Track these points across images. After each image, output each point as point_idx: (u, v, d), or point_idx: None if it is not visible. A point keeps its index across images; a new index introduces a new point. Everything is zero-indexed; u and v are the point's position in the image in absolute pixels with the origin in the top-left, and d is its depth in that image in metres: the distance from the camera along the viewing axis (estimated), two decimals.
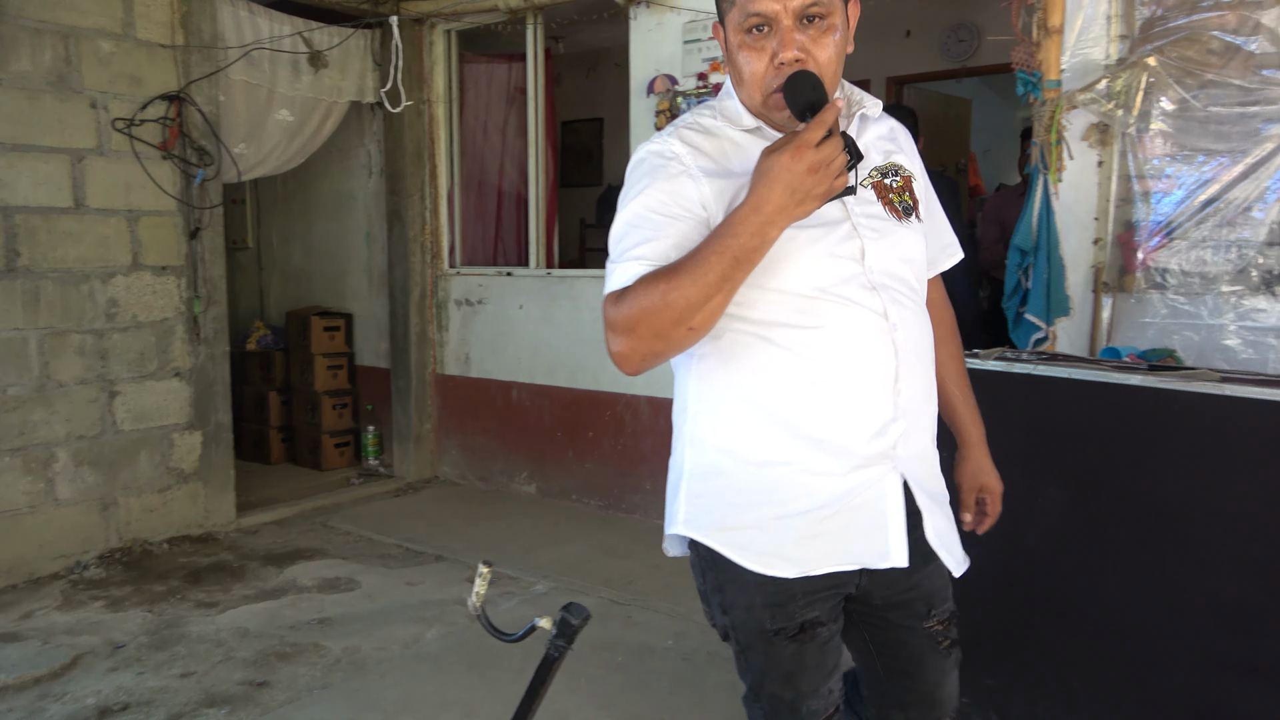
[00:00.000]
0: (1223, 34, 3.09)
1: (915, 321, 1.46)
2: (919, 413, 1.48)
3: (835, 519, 1.42)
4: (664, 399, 4.61)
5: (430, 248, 5.49)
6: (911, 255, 1.47)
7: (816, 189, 1.23)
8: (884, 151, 1.52)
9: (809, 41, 1.35)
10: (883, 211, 1.45)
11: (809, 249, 1.37)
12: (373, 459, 5.81)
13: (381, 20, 5.10)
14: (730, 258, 1.24)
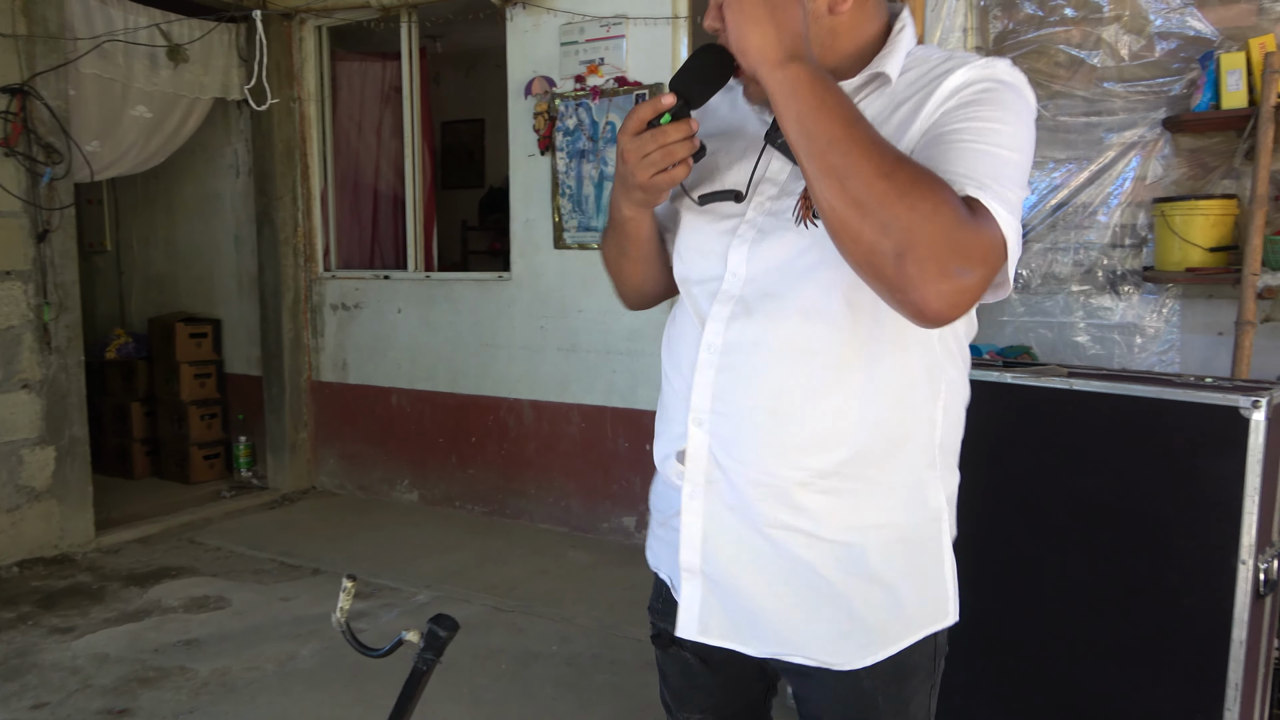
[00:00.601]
0: (1068, 48, 3.28)
1: (775, 351, 1.11)
2: (751, 472, 1.14)
3: (666, 530, 1.28)
4: (548, 402, 4.59)
5: (304, 250, 5.32)
6: (795, 262, 1.09)
7: (630, 179, 1.11)
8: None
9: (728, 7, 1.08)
10: (790, 208, 1.11)
11: (689, 235, 1.22)
12: (245, 471, 5.59)
13: (246, 14, 4.90)
14: (613, 222, 1.25)
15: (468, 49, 6.73)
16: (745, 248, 1.13)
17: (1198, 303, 3.18)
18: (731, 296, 1.14)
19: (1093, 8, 3.25)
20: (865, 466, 1.11)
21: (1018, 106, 1.05)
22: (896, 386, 1.12)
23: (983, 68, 1.06)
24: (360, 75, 5.45)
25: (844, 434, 1.10)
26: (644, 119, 1.07)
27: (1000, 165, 0.99)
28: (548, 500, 4.67)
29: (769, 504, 1.13)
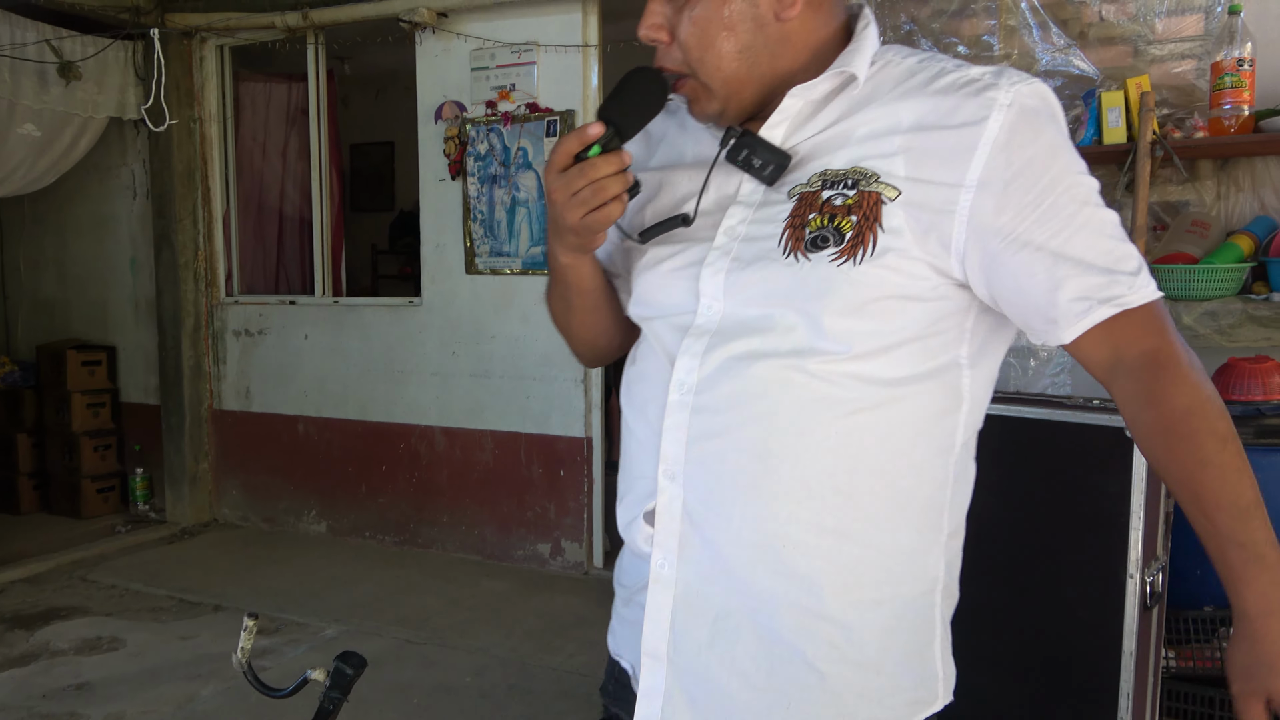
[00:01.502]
0: None
1: (767, 390, 0.97)
2: (736, 529, 0.99)
3: (633, 608, 1.11)
4: (460, 429, 4.54)
5: (205, 275, 5.16)
6: (794, 299, 0.96)
7: (561, 220, 1.00)
8: (861, 150, 0.98)
9: (675, 14, 1.00)
10: (775, 234, 0.98)
11: (652, 268, 1.08)
12: (142, 504, 5.36)
13: (144, 32, 4.76)
14: (552, 272, 1.12)
15: (377, 71, 6.65)
16: (721, 278, 1.00)
17: None
18: (707, 330, 1.00)
19: (984, 46, 3.40)
20: (866, 524, 0.98)
21: (1073, 151, 0.97)
22: (909, 429, 0.98)
23: (1012, 102, 0.93)
24: (265, 96, 5.34)
25: (843, 482, 0.97)
26: (570, 153, 0.97)
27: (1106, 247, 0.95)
28: (460, 528, 4.61)
29: (756, 569, 0.98)
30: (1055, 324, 0.96)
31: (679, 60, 1.01)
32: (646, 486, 1.04)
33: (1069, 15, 3.30)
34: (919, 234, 0.93)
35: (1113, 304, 0.93)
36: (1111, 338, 0.96)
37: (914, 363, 0.97)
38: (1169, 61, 3.19)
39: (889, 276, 0.94)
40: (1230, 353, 2.91)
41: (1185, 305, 2.90)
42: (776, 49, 1.00)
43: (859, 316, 0.94)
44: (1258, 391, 2.68)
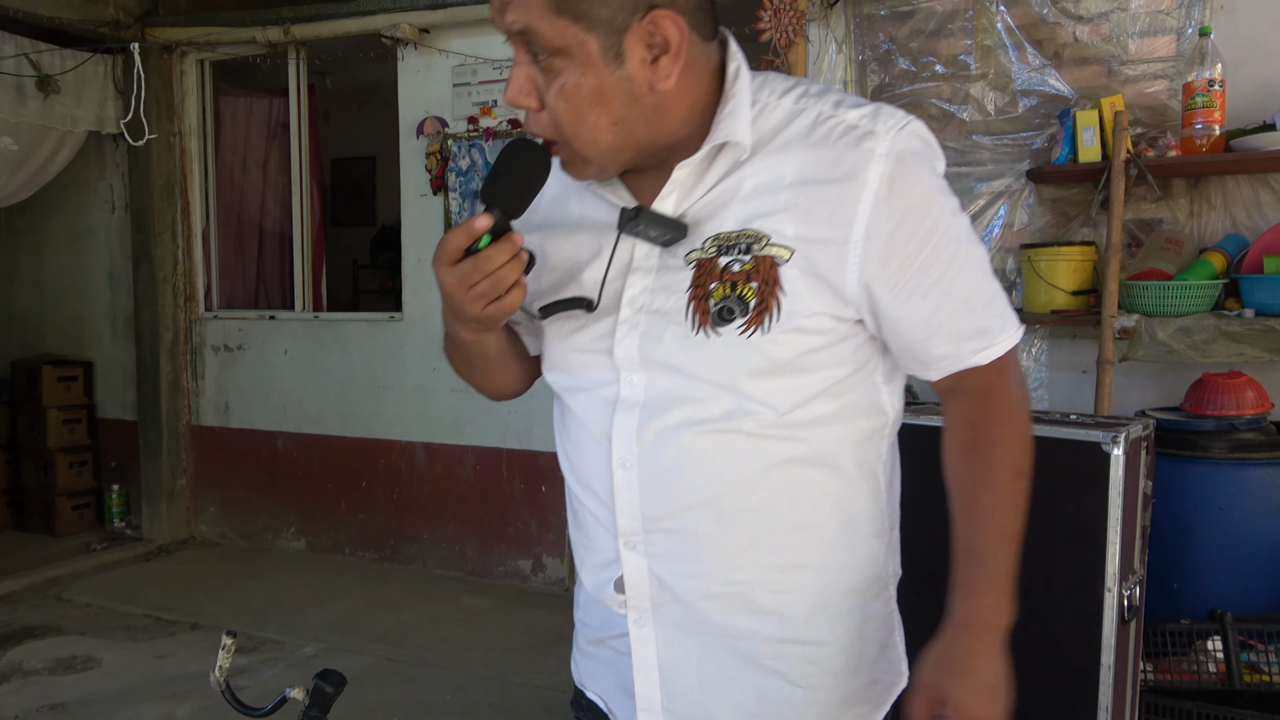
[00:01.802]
0: (940, 102, 3.47)
1: (709, 457, 1.00)
2: (703, 585, 1.03)
3: (602, 648, 1.14)
4: (441, 445, 4.53)
5: (184, 289, 5.12)
6: (713, 375, 0.98)
7: (459, 312, 0.98)
8: (747, 210, 0.98)
9: (545, 84, 0.95)
10: (680, 307, 0.99)
11: (561, 341, 1.08)
12: (118, 521, 5.30)
13: (124, 46, 4.74)
14: (453, 341, 1.09)
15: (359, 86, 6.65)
16: (635, 352, 1.01)
17: (1063, 342, 3.37)
18: (635, 403, 1.01)
19: (961, 65, 3.45)
20: (821, 550, 1.03)
21: (947, 192, 1.01)
22: (845, 456, 1.04)
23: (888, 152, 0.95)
24: (246, 110, 5.32)
25: (794, 519, 1.02)
26: (459, 248, 0.93)
27: (987, 275, 1.02)
28: (441, 545, 4.59)
29: (729, 615, 1.03)
30: (927, 367, 1.04)
31: (550, 129, 0.97)
32: (607, 556, 1.07)
33: (1044, 36, 3.35)
34: (815, 291, 0.96)
35: (981, 354, 1.02)
36: (970, 376, 1.04)
37: (839, 399, 1.01)
38: (1142, 82, 3.24)
39: (797, 338, 0.97)
40: (1204, 368, 2.95)
41: (1160, 321, 2.94)
42: (653, 118, 0.97)
43: (778, 377, 0.97)
44: (1230, 406, 2.71)
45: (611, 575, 1.07)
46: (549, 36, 0.91)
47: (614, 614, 1.09)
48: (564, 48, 0.92)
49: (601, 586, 1.09)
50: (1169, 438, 2.72)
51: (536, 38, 0.92)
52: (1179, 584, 2.70)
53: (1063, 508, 2.13)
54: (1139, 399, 3.20)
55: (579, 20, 0.91)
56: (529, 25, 0.91)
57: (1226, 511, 2.67)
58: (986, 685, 0.97)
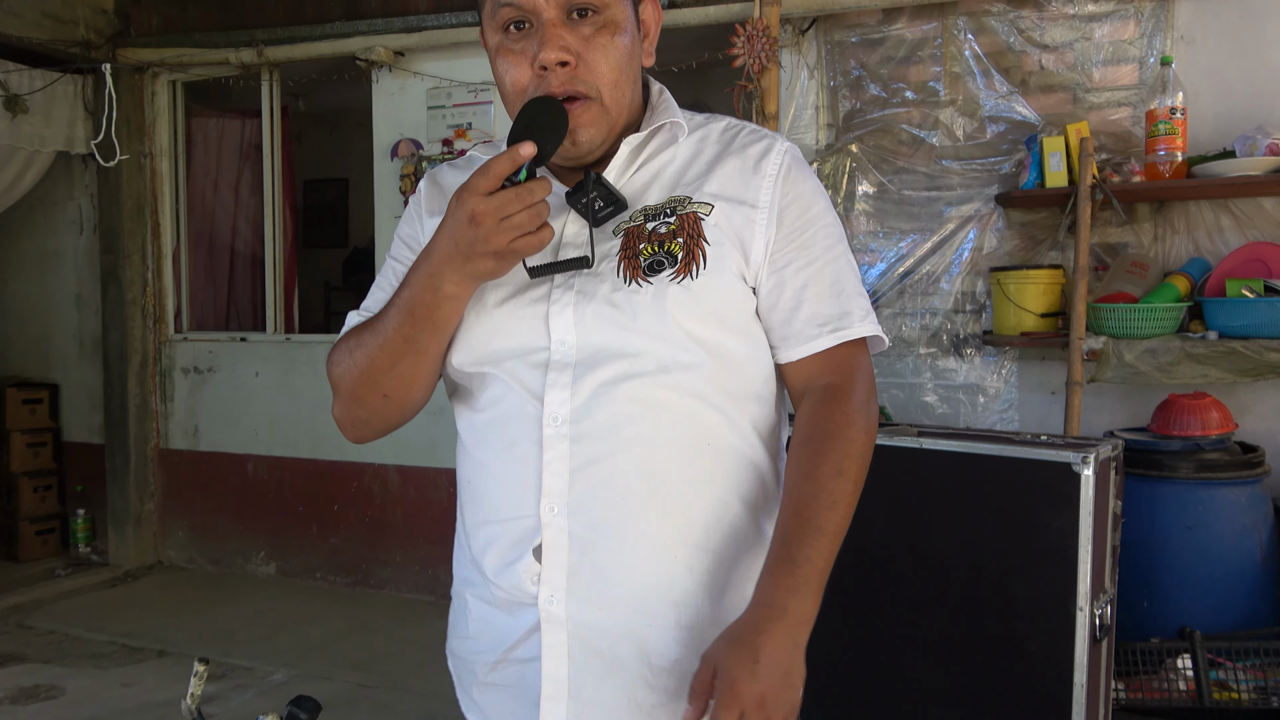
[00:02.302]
0: (910, 127, 3.52)
1: (642, 413, 1.04)
2: (626, 549, 1.04)
3: (505, 668, 1.11)
4: (414, 467, 4.50)
5: (153, 311, 5.07)
6: (647, 323, 1.03)
7: (482, 245, 0.97)
8: (671, 184, 1.11)
9: (580, 42, 1.04)
10: (611, 269, 1.06)
11: (487, 313, 1.09)
12: (84, 546, 5.20)
13: (95, 66, 4.71)
14: (406, 312, 1.04)
15: (332, 108, 6.64)
16: (569, 313, 1.05)
17: (1033, 364, 3.42)
18: (567, 364, 1.04)
19: (930, 91, 3.51)
20: (739, 531, 1.08)
21: (828, 198, 1.16)
22: (756, 438, 1.10)
23: (788, 149, 1.13)
24: (218, 132, 5.29)
25: (716, 496, 1.07)
26: (502, 175, 0.95)
27: (856, 276, 1.12)
28: (414, 568, 4.54)
29: (649, 593, 1.04)
30: (786, 341, 1.10)
31: (586, 83, 1.05)
32: (526, 525, 1.05)
33: (1010, 64, 3.42)
34: (732, 245, 1.07)
35: (837, 334, 1.08)
36: (817, 367, 1.09)
37: (762, 379, 1.11)
38: (1106, 109, 3.31)
39: (721, 284, 1.05)
40: (1170, 389, 3.00)
41: (1127, 343, 2.99)
42: (636, 88, 1.13)
43: (706, 325, 1.05)
44: (1196, 427, 2.76)
45: (527, 547, 1.05)
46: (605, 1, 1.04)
47: (516, 614, 1.07)
48: (611, 4, 1.05)
49: (513, 562, 1.06)
50: (1137, 458, 2.77)
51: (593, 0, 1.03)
52: (1149, 603, 2.74)
53: (1034, 528, 2.15)
54: (1107, 420, 3.24)
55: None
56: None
57: (1194, 530, 2.71)
58: (766, 666, 0.92)
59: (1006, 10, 3.40)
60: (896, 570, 2.31)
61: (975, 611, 2.20)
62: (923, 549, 2.28)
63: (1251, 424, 3.09)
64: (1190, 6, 3.20)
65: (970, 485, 2.24)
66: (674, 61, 4.57)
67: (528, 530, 1.05)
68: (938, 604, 2.25)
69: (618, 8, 1.06)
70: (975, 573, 2.21)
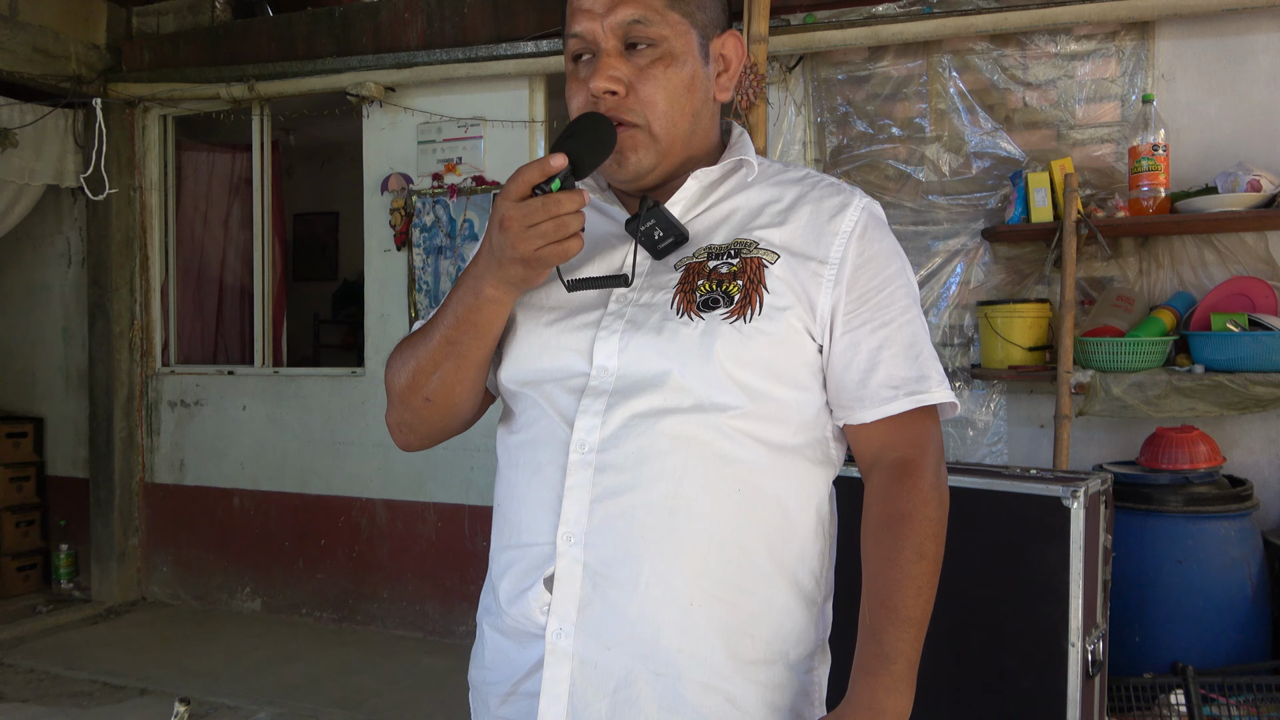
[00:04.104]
0: (896, 163, 3.56)
1: (672, 448, 1.01)
2: (641, 587, 1.00)
3: (515, 701, 1.09)
4: (402, 501, 4.47)
5: (141, 344, 5.04)
6: (690, 356, 1.01)
7: (510, 250, 0.97)
8: (740, 226, 1.09)
9: (635, 72, 1.06)
10: (667, 300, 1.04)
11: (536, 332, 1.09)
12: (66, 582, 5.13)
13: (85, 101, 4.72)
14: (452, 317, 1.06)
15: (322, 142, 6.67)
16: (615, 340, 1.04)
17: (1021, 397, 3.43)
18: (603, 391, 1.03)
19: (916, 128, 3.55)
20: (759, 582, 1.03)
21: (907, 260, 1.13)
22: (795, 495, 1.06)
23: (866, 206, 1.10)
24: (208, 166, 5.30)
25: (744, 539, 1.02)
26: (530, 182, 0.96)
27: (926, 349, 1.08)
28: (401, 604, 4.50)
29: (661, 629, 1.00)
30: (860, 402, 1.06)
31: (634, 112, 1.07)
32: (542, 553, 1.03)
33: (995, 101, 3.46)
34: (795, 296, 1.04)
35: (914, 397, 1.05)
36: (889, 436, 1.06)
37: (798, 430, 1.06)
38: (1090, 145, 3.36)
39: (775, 330, 1.02)
40: (1158, 422, 3.02)
41: (1114, 376, 3.00)
42: (707, 124, 1.13)
43: (751, 370, 1.01)
44: (1184, 460, 2.77)
45: (540, 575, 1.03)
46: (659, 25, 1.06)
47: (525, 647, 1.05)
48: (670, 37, 1.06)
49: (525, 590, 1.04)
50: (1126, 491, 2.77)
51: (647, 27, 1.05)
52: (1140, 637, 2.73)
53: (1025, 562, 2.15)
54: (1096, 453, 3.25)
55: (688, 17, 1.08)
56: (645, 14, 1.05)
57: (1184, 564, 2.71)
58: None
59: (990, 49, 3.46)
60: None
61: (966, 647, 2.19)
62: None
63: (1239, 457, 3.10)
64: (1170, 46, 3.26)
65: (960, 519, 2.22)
66: None
67: (542, 557, 1.03)
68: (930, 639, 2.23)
69: (679, 41, 1.07)
70: (966, 608, 2.20)
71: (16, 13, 4.45)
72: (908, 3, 3.51)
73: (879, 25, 3.47)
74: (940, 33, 3.41)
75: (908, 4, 3.51)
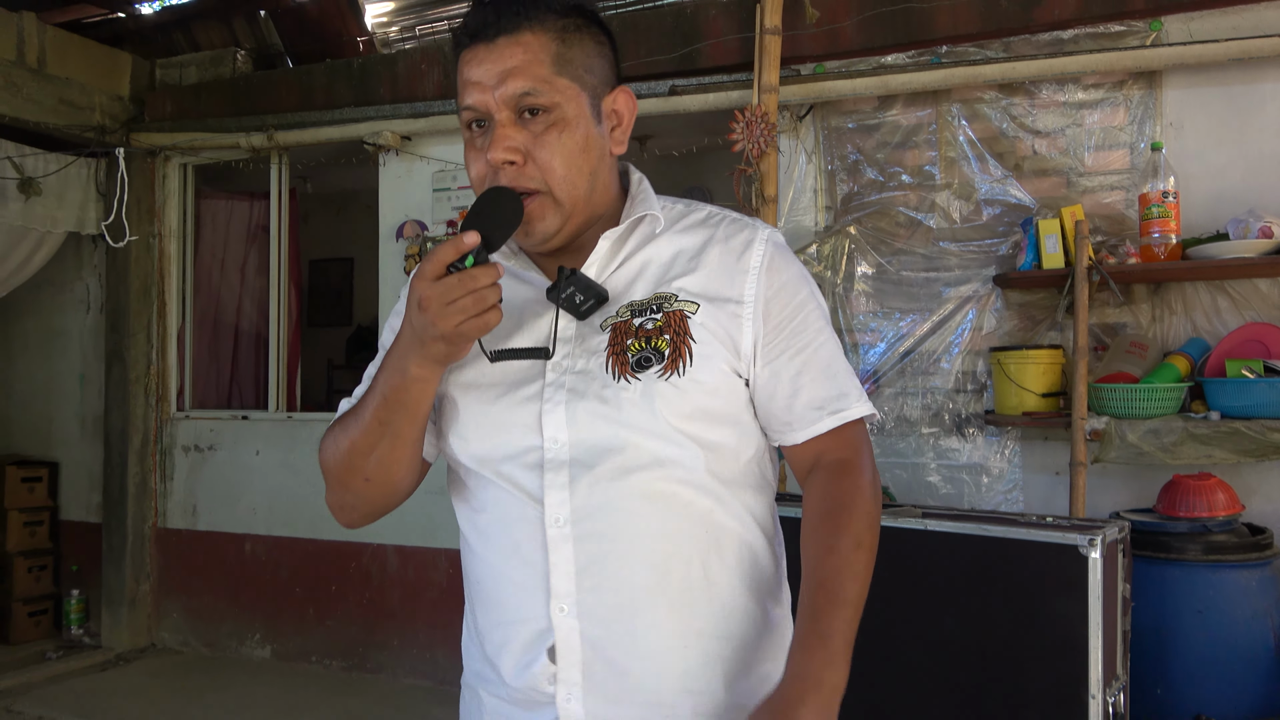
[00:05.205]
0: (907, 210, 3.58)
1: (642, 507, 1.07)
2: (639, 642, 1.07)
3: None
4: (414, 547, 4.45)
5: (156, 390, 5.08)
6: (636, 418, 1.06)
7: (431, 328, 1.00)
8: (657, 279, 1.14)
9: (530, 139, 1.09)
10: (601, 365, 1.09)
11: (480, 410, 1.12)
12: (76, 628, 5.12)
13: (109, 150, 4.81)
14: (380, 396, 1.08)
15: (338, 190, 6.77)
16: (560, 411, 1.08)
17: (1036, 444, 3.41)
18: (561, 463, 1.07)
19: (926, 175, 3.58)
20: (746, 614, 1.12)
21: (813, 282, 1.19)
22: (753, 522, 1.15)
23: (768, 238, 1.16)
24: (226, 213, 5.38)
25: (723, 580, 1.10)
26: (444, 261, 0.99)
27: (840, 366, 1.15)
28: (412, 653, 4.46)
29: (662, 681, 1.07)
30: (790, 426, 1.14)
31: (534, 179, 1.09)
32: (537, 628, 1.09)
33: (1004, 149, 3.49)
34: (720, 342, 1.10)
35: (838, 415, 1.13)
36: (824, 445, 1.14)
37: (743, 460, 1.13)
38: (1099, 192, 3.37)
39: (708, 379, 1.08)
40: (1174, 469, 2.99)
41: (1130, 423, 2.99)
42: (605, 179, 1.16)
43: (694, 421, 1.08)
44: (1203, 509, 2.74)
45: (540, 649, 1.08)
46: (549, 94, 1.08)
47: (535, 712, 1.10)
48: (561, 103, 1.09)
49: (529, 665, 1.09)
50: (1143, 540, 2.74)
51: (537, 97, 1.08)
52: (1162, 689, 2.68)
53: (1043, 612, 2.12)
54: (1112, 500, 3.22)
55: (576, 81, 1.10)
56: (534, 86, 1.07)
57: (1205, 614, 2.67)
58: None
59: (998, 98, 3.49)
60: (904, 655, 2.27)
61: (985, 699, 2.16)
62: (930, 634, 2.24)
63: (1258, 505, 3.07)
64: (1177, 95, 3.29)
65: (977, 567, 2.22)
66: (675, 146, 4.68)
67: (540, 632, 1.09)
68: (947, 691, 2.21)
69: (571, 105, 1.09)
70: (984, 658, 2.17)
71: (45, 65, 4.56)
72: (916, 53, 3.56)
73: (888, 75, 3.52)
74: (949, 82, 3.45)
75: (916, 54, 3.56)
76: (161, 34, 5.18)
